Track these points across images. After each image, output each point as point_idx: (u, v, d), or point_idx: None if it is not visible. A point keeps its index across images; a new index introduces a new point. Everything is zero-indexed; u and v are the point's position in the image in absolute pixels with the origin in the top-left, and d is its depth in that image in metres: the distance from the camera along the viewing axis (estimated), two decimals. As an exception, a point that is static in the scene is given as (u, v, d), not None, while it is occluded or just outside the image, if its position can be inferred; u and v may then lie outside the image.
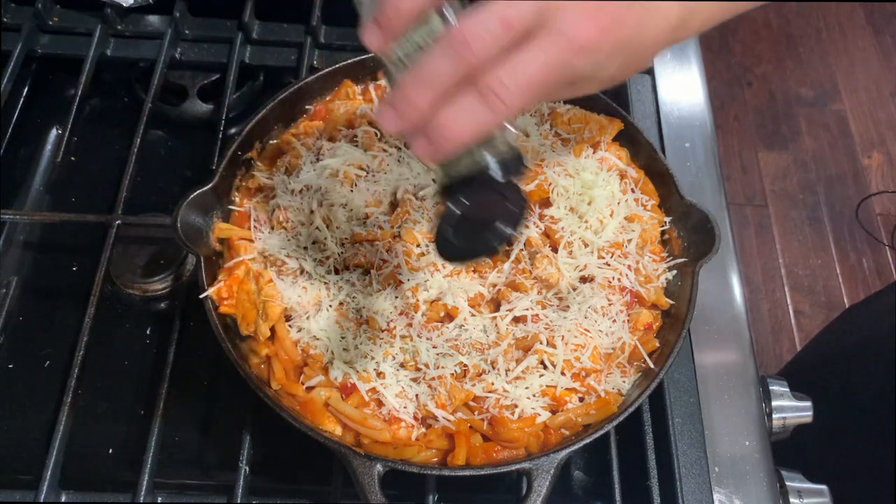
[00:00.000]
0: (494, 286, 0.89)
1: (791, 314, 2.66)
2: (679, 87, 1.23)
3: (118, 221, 0.98)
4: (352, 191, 0.93)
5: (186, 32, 1.22)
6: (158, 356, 0.96)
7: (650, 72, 1.23)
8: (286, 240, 0.89)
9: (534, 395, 0.82)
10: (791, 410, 0.98)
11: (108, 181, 1.08)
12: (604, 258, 0.91)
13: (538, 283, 0.88)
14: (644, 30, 0.58)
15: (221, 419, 0.94)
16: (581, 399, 0.84)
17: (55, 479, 0.84)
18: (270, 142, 1.00)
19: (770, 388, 0.99)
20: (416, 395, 0.81)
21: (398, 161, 0.96)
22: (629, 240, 0.92)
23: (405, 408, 0.80)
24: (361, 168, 0.95)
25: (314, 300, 0.86)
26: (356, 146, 0.97)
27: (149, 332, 0.99)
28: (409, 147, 0.58)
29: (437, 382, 0.81)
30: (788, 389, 0.99)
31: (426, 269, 0.87)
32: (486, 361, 0.84)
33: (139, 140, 1.06)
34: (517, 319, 0.87)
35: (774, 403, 0.97)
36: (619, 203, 0.94)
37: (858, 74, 3.24)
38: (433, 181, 0.94)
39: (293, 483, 0.90)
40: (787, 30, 3.36)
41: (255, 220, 0.92)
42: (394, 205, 0.93)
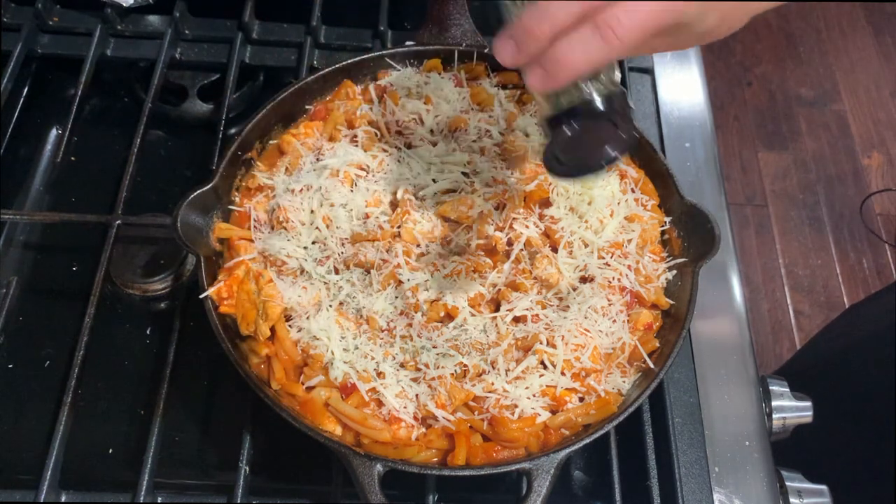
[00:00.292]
0: (494, 286, 0.89)
1: (791, 314, 2.66)
2: (679, 87, 1.23)
3: (118, 221, 0.98)
4: (352, 191, 0.93)
5: (186, 32, 1.22)
6: (158, 356, 0.96)
7: (650, 72, 1.23)
8: (286, 240, 0.89)
9: (534, 395, 0.82)
10: (791, 410, 0.98)
11: (108, 181, 1.08)
12: (604, 258, 0.91)
13: (538, 283, 0.88)
14: None
15: (221, 419, 0.94)
16: (581, 399, 0.84)
17: (55, 479, 0.84)
18: (270, 142, 1.00)
19: (770, 388, 0.99)
20: (416, 395, 0.81)
21: (398, 161, 0.96)
22: (629, 240, 0.92)
23: (405, 408, 0.80)
24: (361, 168, 0.95)
25: (314, 300, 0.86)
26: (356, 146, 0.97)
27: (149, 332, 0.99)
28: (523, 78, 0.62)
29: (437, 382, 0.81)
30: (788, 389, 0.99)
31: (426, 269, 0.87)
32: (486, 361, 0.84)
33: (139, 140, 1.06)
34: (517, 319, 0.87)
35: (774, 403, 0.97)
36: (619, 203, 0.94)
37: (858, 74, 3.24)
38: (433, 181, 0.94)
39: (293, 483, 0.90)
40: (787, 30, 3.36)
41: (255, 220, 0.92)
42: (394, 205, 0.93)
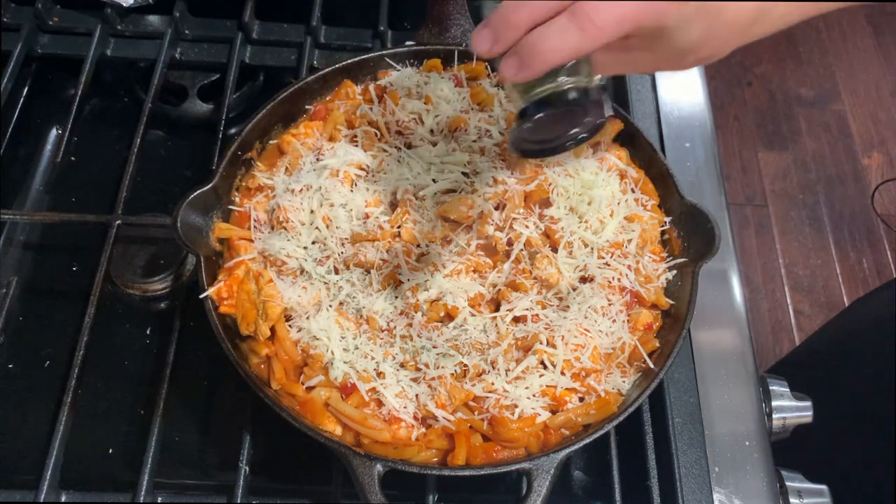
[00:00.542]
0: (494, 286, 0.89)
1: (791, 314, 2.66)
2: (679, 87, 1.23)
3: (118, 221, 0.98)
4: (352, 191, 0.93)
5: (186, 32, 1.22)
6: (158, 356, 0.96)
7: (650, 72, 1.23)
8: (286, 240, 0.89)
9: (534, 395, 0.82)
10: (791, 410, 0.98)
11: (108, 181, 1.08)
12: (604, 258, 0.91)
13: (538, 283, 0.88)
14: (724, 7, 0.62)
15: (221, 419, 0.94)
16: (581, 399, 0.84)
17: (55, 479, 0.84)
18: (270, 142, 1.00)
19: (770, 388, 0.99)
20: (416, 395, 0.81)
21: (398, 161, 0.96)
22: (629, 240, 0.92)
23: (405, 408, 0.80)
24: (361, 168, 0.95)
25: (314, 300, 0.86)
26: (356, 146, 0.97)
27: (149, 332, 0.99)
28: (498, 68, 0.61)
29: (437, 382, 0.81)
30: (788, 389, 0.99)
31: (426, 269, 0.87)
32: (486, 361, 0.84)
33: (139, 140, 1.06)
34: (517, 319, 0.87)
35: (774, 403, 0.97)
36: (619, 203, 0.94)
37: (858, 74, 3.24)
38: (433, 181, 0.94)
39: (293, 483, 0.90)
40: (787, 30, 3.34)
41: (255, 220, 0.92)
42: (394, 205, 0.93)
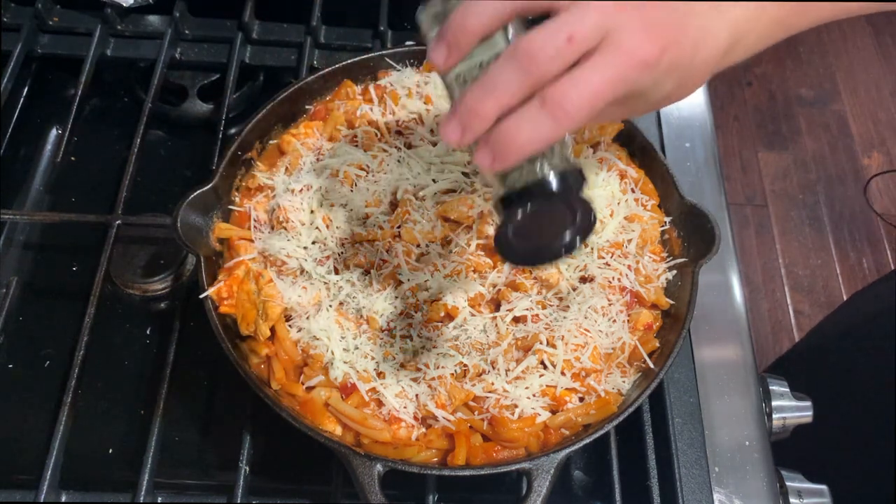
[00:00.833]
0: (494, 286, 0.89)
1: (791, 314, 2.66)
2: (679, 87, 1.23)
3: (118, 221, 0.98)
4: (352, 191, 0.93)
5: (186, 32, 1.22)
6: (158, 356, 0.96)
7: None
8: (286, 240, 0.89)
9: (534, 395, 0.82)
10: (791, 410, 0.98)
11: (108, 181, 1.08)
12: (604, 258, 0.91)
13: (538, 283, 0.88)
14: (697, 51, 0.61)
15: (221, 419, 0.94)
16: (581, 399, 0.84)
17: (55, 479, 0.84)
18: (270, 142, 1.00)
19: (770, 388, 0.99)
20: (416, 395, 0.81)
21: (398, 161, 0.96)
22: (629, 240, 0.92)
23: (405, 408, 0.80)
24: (361, 168, 0.95)
25: (314, 300, 0.86)
26: (356, 146, 0.97)
27: (149, 332, 0.99)
28: (472, 157, 0.58)
29: (437, 382, 0.81)
30: (788, 389, 0.99)
31: (426, 269, 0.87)
32: (486, 361, 0.84)
33: (139, 140, 1.06)
34: (517, 319, 0.87)
35: (774, 403, 0.97)
36: (619, 203, 0.94)
37: (858, 74, 3.24)
38: (433, 181, 0.94)
39: (293, 483, 0.90)
40: (787, 30, 3.36)
41: (255, 220, 0.92)
42: (394, 205, 0.93)
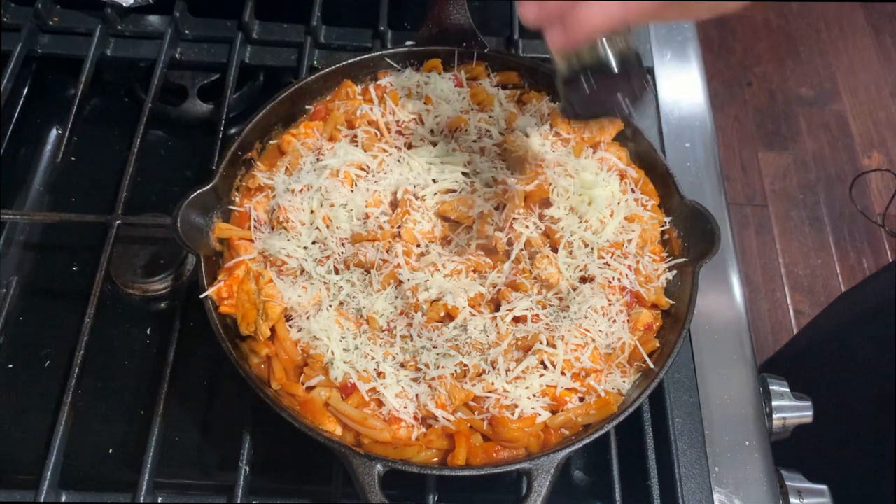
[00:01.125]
0: (494, 286, 0.89)
1: (791, 314, 2.66)
2: (679, 87, 1.23)
3: (118, 221, 0.98)
4: (352, 191, 0.93)
5: (186, 32, 1.22)
6: (158, 356, 0.96)
7: (650, 71, 1.23)
8: (286, 240, 0.89)
9: (534, 395, 0.82)
10: (791, 410, 0.98)
11: (108, 181, 1.08)
12: (604, 258, 0.90)
13: (538, 283, 0.88)
14: None
15: (221, 419, 0.94)
16: (581, 399, 0.84)
17: (55, 479, 0.84)
18: (270, 142, 1.00)
19: (770, 388, 0.99)
20: (417, 395, 0.81)
21: (398, 161, 0.96)
22: (629, 240, 0.92)
23: (405, 408, 0.80)
24: (361, 168, 0.95)
25: (314, 300, 0.86)
26: (356, 146, 0.97)
27: (149, 332, 0.99)
28: (545, 36, 0.62)
29: (437, 382, 0.81)
30: (788, 389, 0.99)
31: (426, 269, 0.87)
32: (486, 361, 0.84)
33: (139, 140, 1.06)
34: (517, 319, 0.87)
35: (774, 403, 0.97)
36: (619, 203, 0.94)
37: (858, 74, 3.24)
38: (433, 181, 0.94)
39: (293, 483, 0.90)
40: (787, 29, 3.36)
41: (255, 220, 0.92)
42: (394, 205, 0.93)
